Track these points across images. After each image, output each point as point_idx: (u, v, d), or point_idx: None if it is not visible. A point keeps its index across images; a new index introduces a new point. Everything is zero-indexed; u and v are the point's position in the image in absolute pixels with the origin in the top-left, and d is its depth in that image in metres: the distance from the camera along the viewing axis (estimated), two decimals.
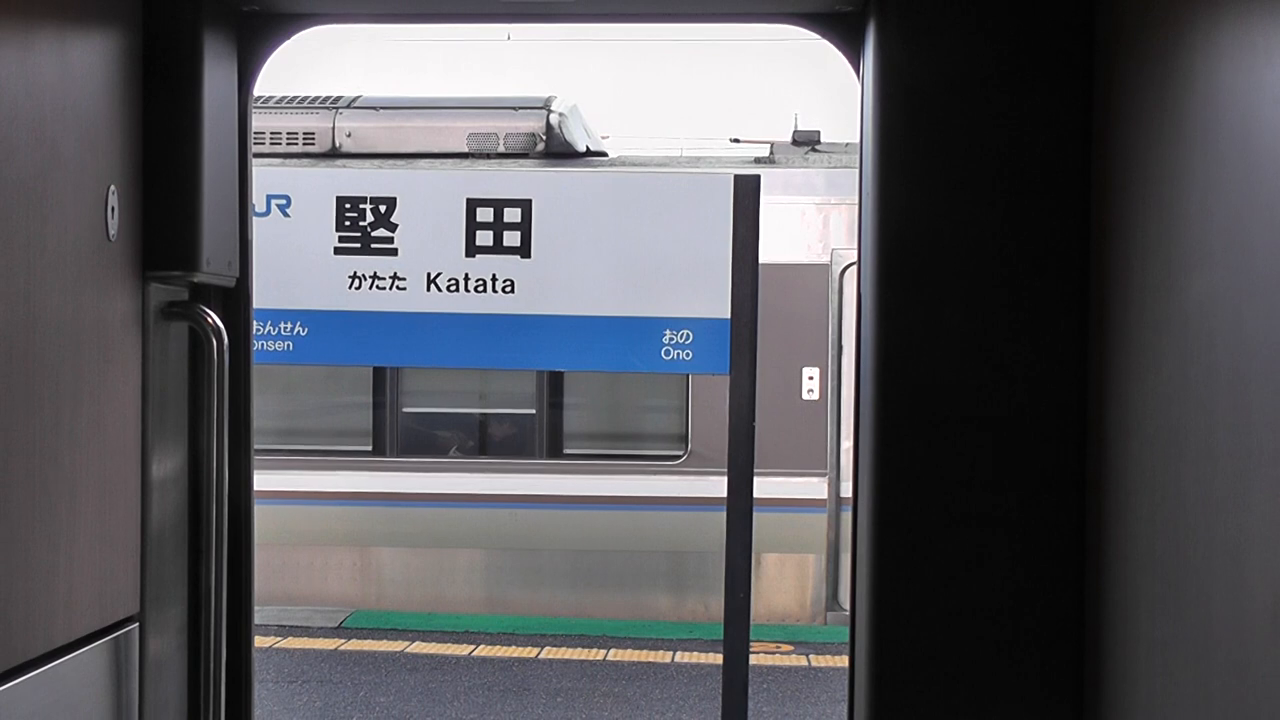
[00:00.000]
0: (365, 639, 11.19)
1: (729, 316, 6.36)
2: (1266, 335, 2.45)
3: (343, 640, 11.14)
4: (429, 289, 6.66)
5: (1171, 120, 2.99)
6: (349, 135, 12.17)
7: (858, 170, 4.06)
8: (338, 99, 12.43)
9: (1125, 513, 3.31)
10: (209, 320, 4.05)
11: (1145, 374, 3.16)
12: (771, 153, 12.30)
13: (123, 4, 3.75)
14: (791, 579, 11.74)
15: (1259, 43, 2.52)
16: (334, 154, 12.13)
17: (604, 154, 12.55)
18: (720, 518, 6.35)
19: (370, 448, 12.13)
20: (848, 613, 4.23)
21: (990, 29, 3.68)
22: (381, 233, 6.68)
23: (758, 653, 10.28)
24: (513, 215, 6.63)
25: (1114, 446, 3.42)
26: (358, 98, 12.46)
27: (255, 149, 4.47)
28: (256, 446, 4.49)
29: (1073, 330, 3.65)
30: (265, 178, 6.63)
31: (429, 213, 6.73)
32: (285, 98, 12.48)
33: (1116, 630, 3.38)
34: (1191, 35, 2.88)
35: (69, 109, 3.41)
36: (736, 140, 14.57)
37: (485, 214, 6.64)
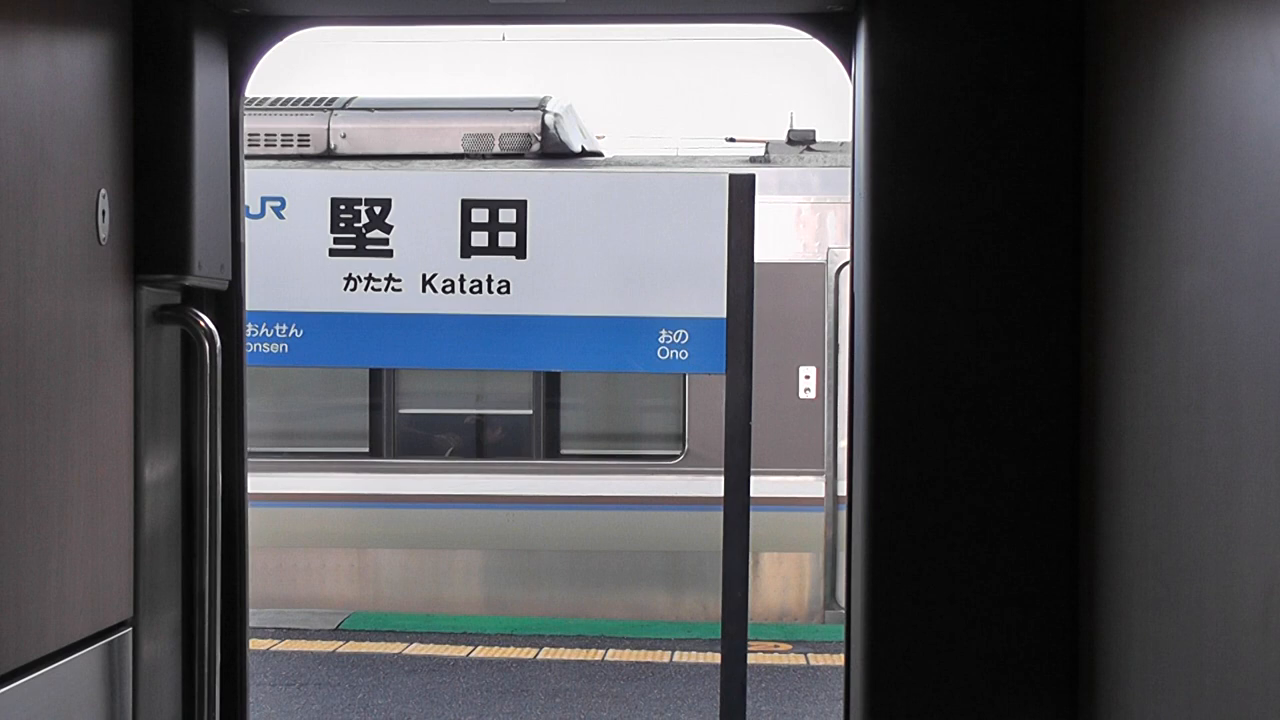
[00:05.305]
0: (363, 641, 11.19)
1: (725, 316, 6.36)
2: (1255, 332, 2.45)
3: (341, 642, 11.13)
4: (424, 290, 6.65)
5: (1161, 118, 2.99)
6: (344, 137, 12.16)
7: (849, 169, 4.06)
8: (332, 100, 12.43)
9: (1118, 510, 3.32)
10: (201, 323, 4.04)
11: (1136, 371, 3.16)
12: (767, 152, 12.30)
13: (113, 6, 3.75)
14: (789, 578, 11.74)
15: (1246, 41, 2.52)
16: (329, 155, 12.13)
17: (599, 154, 12.55)
18: (718, 517, 6.35)
19: (367, 449, 12.13)
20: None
21: (981, 28, 3.68)
22: (376, 234, 6.68)
23: (756, 652, 10.28)
24: (508, 216, 6.62)
25: (1106, 444, 3.42)
26: (352, 99, 12.45)
27: (250, 151, 4.47)
28: (252, 449, 4.48)
29: (1065, 328, 3.65)
30: (260, 179, 6.62)
31: (424, 214, 6.72)
32: (280, 99, 12.48)
33: (1110, 626, 3.38)
34: (1180, 34, 2.88)
35: (59, 112, 3.41)
36: (732, 140, 14.58)
37: (480, 215, 6.63)
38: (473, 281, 6.61)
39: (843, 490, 11.01)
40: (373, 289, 6.66)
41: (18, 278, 3.20)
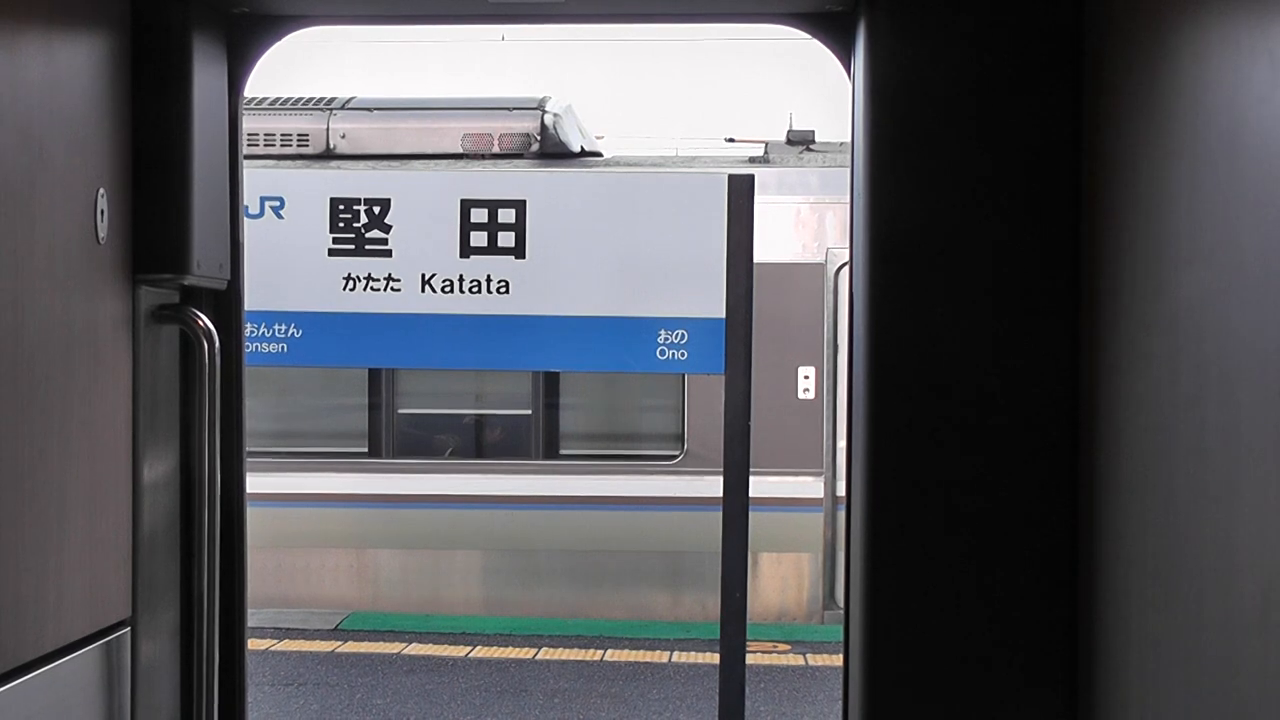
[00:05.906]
0: (362, 641, 11.19)
1: (724, 316, 6.36)
2: (1254, 333, 2.45)
3: (339, 642, 11.13)
4: (424, 290, 6.66)
5: (1160, 119, 2.99)
6: (343, 137, 12.16)
7: (849, 170, 4.06)
8: (331, 100, 12.43)
9: (1117, 510, 3.32)
10: (200, 323, 4.04)
11: (1136, 372, 3.16)
12: (766, 152, 12.30)
13: (111, 6, 3.74)
14: (788, 578, 11.74)
15: (1244, 41, 2.52)
16: (328, 155, 12.13)
17: (599, 154, 12.55)
18: (717, 517, 6.35)
19: (366, 449, 12.12)
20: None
21: (980, 29, 3.67)
22: (375, 234, 6.68)
23: (755, 652, 10.28)
24: (507, 216, 6.62)
25: (1106, 444, 3.41)
26: (352, 99, 12.45)
27: (249, 151, 4.47)
28: (251, 449, 4.48)
29: (1064, 329, 3.65)
30: (259, 179, 6.62)
31: (423, 214, 6.73)
32: (279, 99, 12.48)
33: (1109, 627, 3.38)
34: (1178, 35, 2.88)
35: (57, 111, 3.41)
36: (731, 140, 14.59)
37: (480, 215, 6.64)
38: (472, 281, 6.61)
39: (842, 490, 11.02)
40: (372, 289, 6.66)
41: (16, 277, 3.20)
